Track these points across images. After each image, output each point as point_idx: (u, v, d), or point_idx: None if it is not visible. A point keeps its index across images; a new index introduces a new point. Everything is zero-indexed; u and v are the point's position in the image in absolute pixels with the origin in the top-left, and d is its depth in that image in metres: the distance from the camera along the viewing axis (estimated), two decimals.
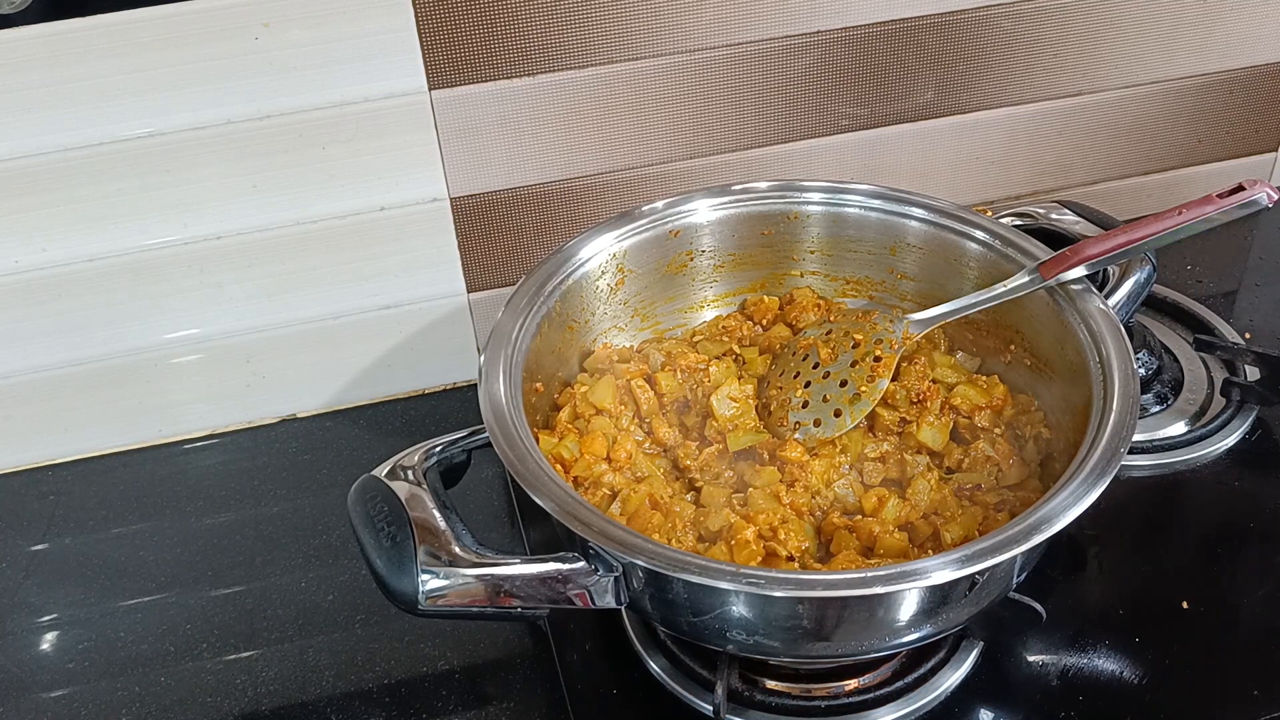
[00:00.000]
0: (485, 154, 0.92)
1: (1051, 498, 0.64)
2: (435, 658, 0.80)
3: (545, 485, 0.66)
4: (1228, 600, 0.79)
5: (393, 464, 0.71)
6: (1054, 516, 0.63)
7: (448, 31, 0.86)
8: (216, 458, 0.98)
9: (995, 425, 0.80)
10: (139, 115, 0.84)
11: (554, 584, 0.66)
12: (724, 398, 0.81)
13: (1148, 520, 0.86)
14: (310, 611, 0.84)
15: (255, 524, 0.91)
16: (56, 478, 0.97)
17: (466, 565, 0.65)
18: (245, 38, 0.82)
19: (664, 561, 0.62)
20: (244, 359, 0.97)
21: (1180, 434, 0.90)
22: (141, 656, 0.82)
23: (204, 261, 0.91)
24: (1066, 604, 0.79)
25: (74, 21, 0.79)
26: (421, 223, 0.94)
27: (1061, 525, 0.62)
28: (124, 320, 0.93)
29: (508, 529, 0.89)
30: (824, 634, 0.66)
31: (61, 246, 0.88)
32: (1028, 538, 0.62)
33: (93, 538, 0.92)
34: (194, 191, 0.88)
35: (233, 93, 0.85)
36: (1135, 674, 0.75)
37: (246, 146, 0.87)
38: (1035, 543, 0.62)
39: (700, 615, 0.65)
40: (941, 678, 0.75)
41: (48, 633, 0.85)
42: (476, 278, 0.98)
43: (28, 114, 0.82)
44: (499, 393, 0.72)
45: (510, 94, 0.90)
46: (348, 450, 0.97)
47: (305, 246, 0.93)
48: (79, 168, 0.85)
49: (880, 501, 0.74)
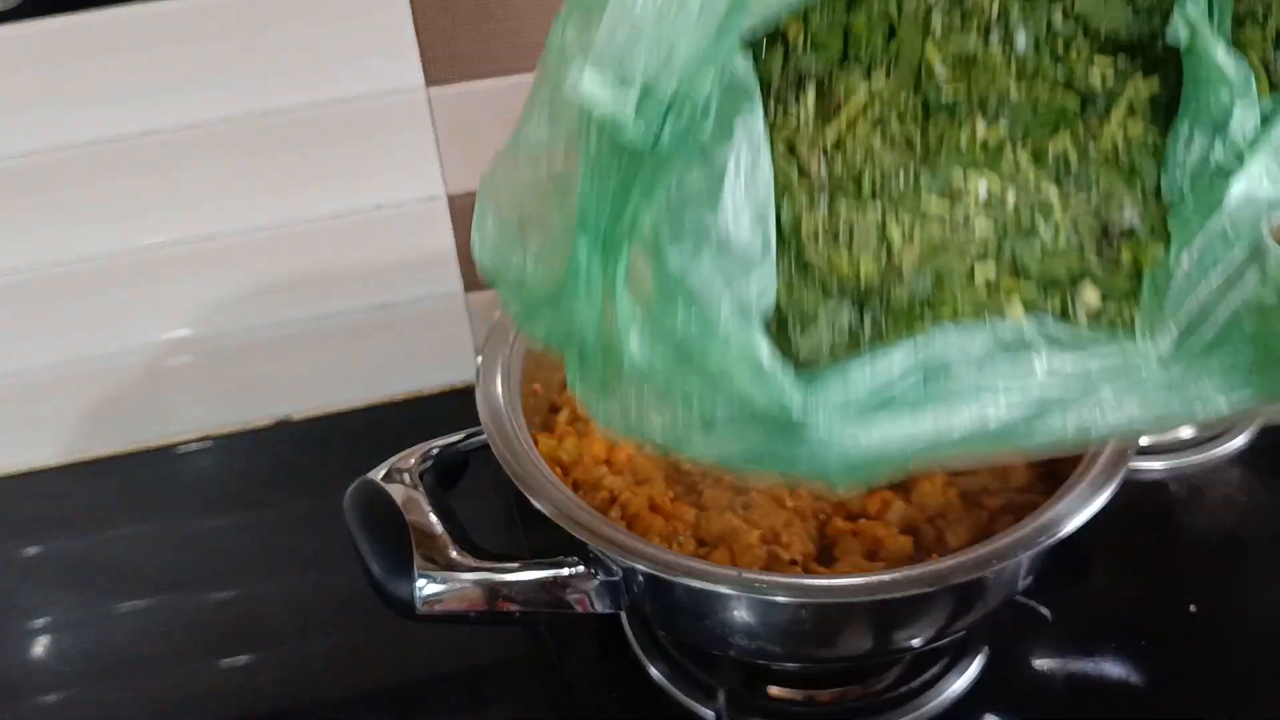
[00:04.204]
0: (483, 151, 0.90)
1: (1058, 501, 0.63)
2: (433, 663, 0.79)
3: (544, 488, 0.66)
4: (1236, 604, 0.79)
5: (389, 466, 0.71)
6: (1061, 520, 0.62)
7: (445, 27, 0.86)
8: (210, 460, 0.98)
9: None
10: (132, 113, 0.83)
11: (553, 588, 0.65)
12: None
13: (1154, 523, 0.85)
14: (306, 616, 0.83)
15: (250, 527, 0.91)
16: (49, 481, 0.96)
17: (464, 569, 0.64)
18: (240, 34, 0.82)
19: (665, 566, 0.62)
20: (238, 360, 0.97)
21: (1188, 436, 0.90)
22: (136, 661, 0.81)
23: (198, 261, 0.91)
24: (1072, 608, 0.78)
25: (67, 18, 0.79)
26: (418, 221, 0.94)
27: (1068, 529, 0.62)
28: (117, 321, 0.92)
29: (506, 533, 0.88)
30: (827, 639, 0.66)
31: (53, 246, 0.88)
32: (1034, 542, 0.61)
33: (86, 541, 0.91)
34: (188, 190, 0.88)
35: (227, 90, 0.84)
36: (1142, 679, 0.75)
37: (241, 145, 0.86)
38: (1042, 547, 0.61)
39: (702, 620, 0.65)
40: (946, 683, 0.75)
41: (42, 636, 0.84)
42: (474, 277, 0.98)
43: (20, 112, 0.82)
44: (497, 394, 0.72)
45: (509, 91, 0.89)
46: (343, 453, 0.97)
47: (300, 246, 0.92)
48: (71, 166, 0.84)
49: (884, 504, 0.74)
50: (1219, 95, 0.44)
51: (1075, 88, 0.48)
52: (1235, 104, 0.43)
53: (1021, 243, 0.46)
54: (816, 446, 0.40)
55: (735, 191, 0.40)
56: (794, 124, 0.46)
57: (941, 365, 0.42)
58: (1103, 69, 0.48)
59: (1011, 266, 0.46)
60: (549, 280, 0.42)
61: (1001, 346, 0.43)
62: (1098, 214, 0.48)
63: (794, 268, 0.45)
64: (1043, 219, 0.47)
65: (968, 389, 0.41)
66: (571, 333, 0.42)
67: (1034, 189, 0.47)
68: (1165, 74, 0.47)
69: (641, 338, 0.40)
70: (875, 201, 0.46)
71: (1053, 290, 0.47)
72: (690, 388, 0.40)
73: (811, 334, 0.44)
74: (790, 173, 0.45)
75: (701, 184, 0.39)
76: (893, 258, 0.45)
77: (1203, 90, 0.44)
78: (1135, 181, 0.47)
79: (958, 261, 0.46)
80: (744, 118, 0.39)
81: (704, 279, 0.39)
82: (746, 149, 0.40)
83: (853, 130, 0.46)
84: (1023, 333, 0.43)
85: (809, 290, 0.45)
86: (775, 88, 0.46)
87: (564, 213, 0.41)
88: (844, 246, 0.45)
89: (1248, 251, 0.43)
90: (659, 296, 0.40)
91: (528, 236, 0.43)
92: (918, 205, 0.46)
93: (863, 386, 0.41)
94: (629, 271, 0.41)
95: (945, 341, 0.42)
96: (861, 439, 0.41)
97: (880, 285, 0.45)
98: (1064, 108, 0.47)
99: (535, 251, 0.43)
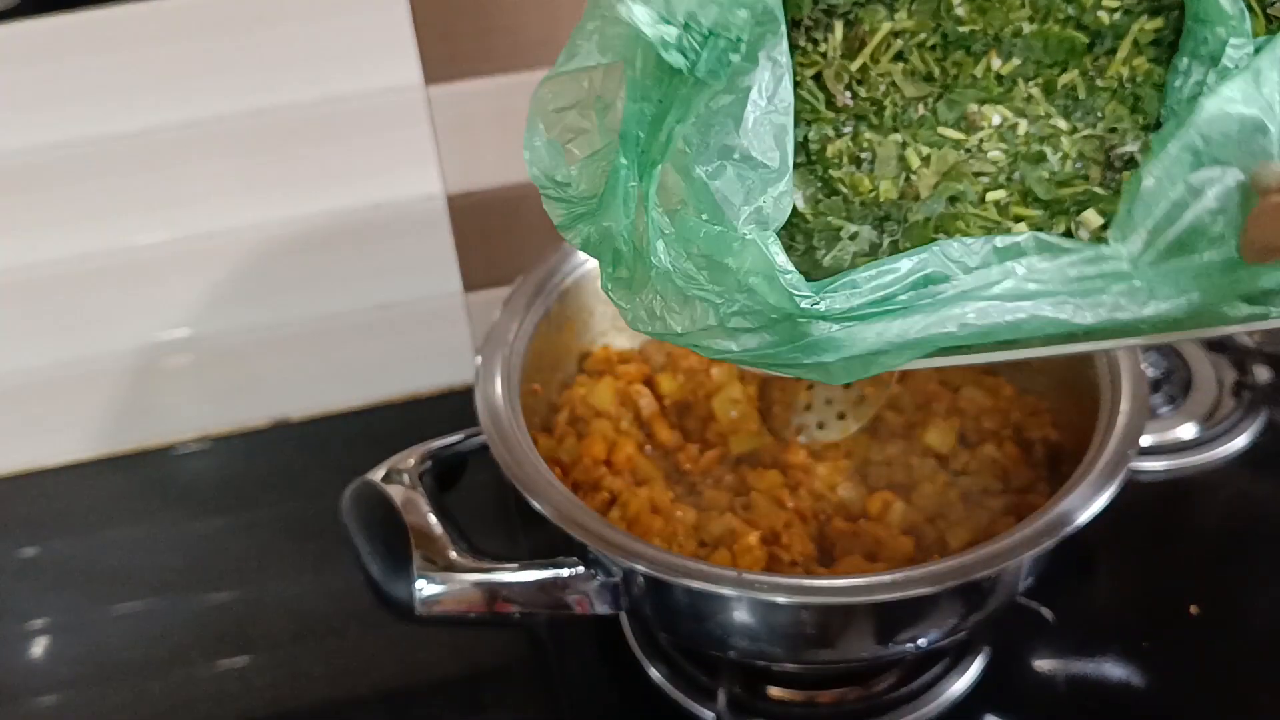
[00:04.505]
0: (482, 151, 0.92)
1: (1059, 501, 0.64)
2: (431, 665, 0.79)
3: (543, 489, 0.66)
4: (1238, 605, 0.79)
5: (388, 468, 0.71)
6: (1062, 520, 0.62)
7: (443, 26, 0.85)
8: (208, 461, 0.98)
9: (1002, 428, 0.79)
10: (129, 112, 0.83)
11: (552, 590, 0.65)
12: (726, 400, 0.80)
13: (1156, 523, 0.85)
14: (304, 618, 0.83)
15: (248, 529, 0.91)
16: (46, 482, 0.96)
17: (463, 571, 0.64)
18: (237, 33, 0.82)
19: (664, 567, 0.62)
20: (236, 361, 0.96)
21: (1190, 436, 0.90)
22: (133, 663, 0.81)
23: (195, 261, 0.91)
24: (1073, 609, 0.78)
25: (64, 17, 0.79)
26: (417, 221, 0.93)
27: (1070, 529, 0.62)
28: (113, 321, 0.92)
29: (505, 534, 0.88)
30: (828, 640, 0.65)
31: (50, 245, 0.87)
32: (1035, 542, 0.61)
33: (83, 543, 0.91)
34: (185, 189, 0.87)
35: (224, 88, 0.84)
36: (1144, 680, 0.75)
37: (239, 143, 0.86)
38: (1043, 547, 0.61)
39: (701, 621, 0.65)
40: (946, 684, 0.75)
41: (38, 639, 0.84)
42: (473, 277, 0.98)
43: (17, 111, 0.81)
44: (496, 395, 0.72)
45: (508, 89, 0.89)
46: (342, 454, 0.97)
47: (298, 245, 0.92)
48: (68, 165, 0.84)
49: (885, 505, 0.74)
50: (1216, 32, 0.48)
51: (1084, 25, 0.51)
52: (1230, 39, 0.47)
53: (1030, 169, 0.50)
54: (820, 344, 0.45)
55: (757, 112, 0.44)
56: (822, 57, 0.50)
57: (940, 274, 0.46)
58: (1109, 8, 0.51)
59: (1021, 191, 0.50)
60: (589, 191, 0.47)
61: (997, 255, 0.47)
62: (1102, 143, 0.51)
63: (820, 189, 0.49)
64: (1051, 148, 0.51)
65: (959, 294, 0.46)
66: (607, 239, 0.47)
67: (1043, 119, 0.51)
68: (1168, 14, 0.51)
69: (667, 246, 0.45)
70: (896, 129, 0.50)
71: (1058, 214, 0.50)
72: (708, 292, 0.45)
73: (835, 248, 0.49)
74: (818, 102, 0.50)
75: (728, 106, 0.44)
76: (911, 181, 0.50)
77: (1202, 28, 0.48)
78: (1138, 113, 0.51)
79: (971, 185, 0.50)
80: (769, 47, 0.44)
81: (726, 190, 0.44)
82: (770, 75, 0.44)
83: (876, 63, 0.50)
84: (1019, 242, 0.47)
85: (834, 209, 0.49)
86: (805, 23, 0.50)
87: (603, 131, 0.46)
88: (866, 170, 0.50)
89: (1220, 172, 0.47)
90: (686, 205, 0.45)
91: (570, 151, 0.47)
92: (935, 133, 0.50)
93: (867, 290, 0.46)
94: (660, 185, 0.45)
95: (947, 251, 0.47)
96: (859, 338, 0.45)
97: (898, 206, 0.49)
98: (1073, 44, 0.50)
99: (578, 165, 0.47)
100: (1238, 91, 0.47)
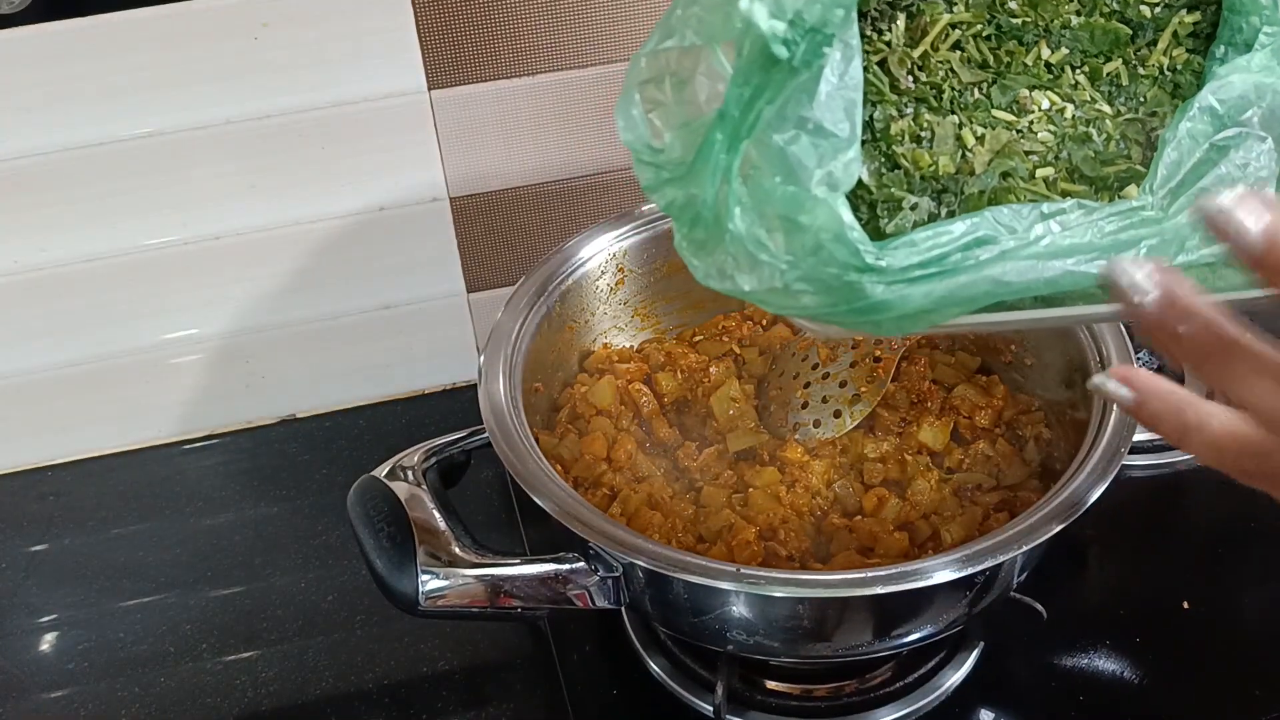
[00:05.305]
0: (485, 154, 0.92)
1: (1052, 498, 0.64)
2: (435, 658, 0.80)
3: (545, 485, 0.66)
4: (1229, 600, 0.79)
5: (392, 464, 0.71)
6: (1055, 517, 0.62)
7: (447, 31, 0.86)
8: (215, 458, 0.98)
9: (995, 425, 0.79)
10: (138, 115, 0.84)
11: (554, 584, 0.66)
12: (724, 398, 0.80)
13: (1148, 520, 0.86)
14: (310, 612, 0.84)
15: (254, 525, 0.91)
16: (55, 478, 0.97)
17: (466, 566, 0.65)
18: (244, 37, 0.82)
19: (664, 562, 0.62)
20: (243, 359, 0.97)
21: None
22: (141, 657, 0.82)
23: (203, 261, 0.91)
24: (1067, 604, 0.79)
25: (73, 21, 0.79)
26: (421, 223, 0.94)
27: (1062, 525, 0.62)
28: (123, 320, 0.93)
29: (507, 529, 0.89)
30: (824, 634, 0.66)
31: (60, 246, 0.88)
32: (1029, 538, 0.62)
33: (92, 538, 0.91)
34: (193, 191, 0.88)
35: (232, 92, 0.84)
36: (1136, 675, 0.75)
37: (246, 146, 0.87)
38: (1036, 543, 0.62)
39: (700, 615, 0.65)
40: (942, 678, 0.75)
41: (47, 633, 0.84)
42: (476, 278, 0.98)
43: (27, 113, 0.82)
44: (499, 393, 0.72)
45: (510, 93, 0.90)
46: (347, 451, 0.97)
47: (304, 246, 0.93)
48: (78, 167, 0.85)
49: (880, 502, 0.74)
50: (1250, 21, 0.54)
51: (1127, 19, 0.57)
52: (1263, 28, 0.53)
53: (1077, 148, 0.55)
54: (875, 305, 0.49)
55: (829, 88, 0.49)
56: (886, 45, 0.55)
57: (990, 236, 0.50)
58: (1151, 3, 0.57)
59: (1068, 168, 0.55)
60: (677, 159, 0.51)
61: (1042, 219, 0.51)
62: (1144, 125, 0.56)
63: (884, 164, 0.54)
64: (1096, 129, 0.55)
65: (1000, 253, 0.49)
66: (690, 204, 0.51)
67: (1089, 104, 0.56)
68: (1206, 8, 0.57)
69: (743, 213, 0.49)
70: (953, 111, 0.55)
71: (1102, 190, 0.55)
72: (775, 258, 0.49)
73: (897, 216, 0.53)
74: (883, 85, 0.54)
75: (804, 83, 0.48)
76: (967, 158, 0.54)
77: (1237, 17, 0.54)
78: (1177, 98, 0.56)
79: (1022, 162, 0.54)
80: (841, 33, 0.48)
81: (801, 155, 0.48)
82: (841, 56, 0.49)
83: (936, 51, 0.55)
84: (1063, 208, 0.51)
85: (896, 182, 0.53)
86: (871, 14, 0.55)
87: (683, 106, 0.51)
88: (926, 147, 0.54)
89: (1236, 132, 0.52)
90: (764, 170, 0.49)
91: (655, 123, 0.52)
92: (989, 115, 0.55)
93: (924, 249, 0.49)
94: (744, 158, 0.49)
95: (998, 216, 0.50)
96: (910, 298, 0.49)
97: (955, 180, 0.54)
98: (1117, 35, 0.56)
99: (668, 136, 0.51)
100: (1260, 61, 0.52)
